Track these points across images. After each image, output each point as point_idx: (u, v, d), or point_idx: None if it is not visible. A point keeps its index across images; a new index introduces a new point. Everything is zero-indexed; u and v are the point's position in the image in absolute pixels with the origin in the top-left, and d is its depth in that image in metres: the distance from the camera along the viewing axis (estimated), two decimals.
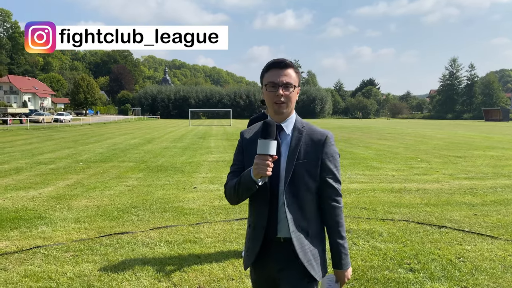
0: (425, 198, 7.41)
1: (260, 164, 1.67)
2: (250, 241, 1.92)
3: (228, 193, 1.90)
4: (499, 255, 4.48)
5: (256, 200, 1.86)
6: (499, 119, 75.35)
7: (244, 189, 1.78)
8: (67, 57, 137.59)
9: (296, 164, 1.80)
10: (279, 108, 1.84)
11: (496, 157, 14.07)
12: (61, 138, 23.12)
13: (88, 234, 5.19)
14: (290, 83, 1.83)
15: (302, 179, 1.81)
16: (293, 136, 1.85)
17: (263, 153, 1.68)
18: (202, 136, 25.81)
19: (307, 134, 1.86)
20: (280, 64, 1.84)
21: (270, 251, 1.87)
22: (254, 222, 1.89)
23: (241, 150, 1.94)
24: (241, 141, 1.97)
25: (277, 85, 1.81)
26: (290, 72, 1.84)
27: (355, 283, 3.78)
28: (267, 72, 1.87)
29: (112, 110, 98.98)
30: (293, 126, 1.88)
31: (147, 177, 9.76)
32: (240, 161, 1.93)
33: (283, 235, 1.84)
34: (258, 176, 1.70)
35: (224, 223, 5.75)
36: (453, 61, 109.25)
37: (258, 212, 1.86)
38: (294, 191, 1.81)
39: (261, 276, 1.95)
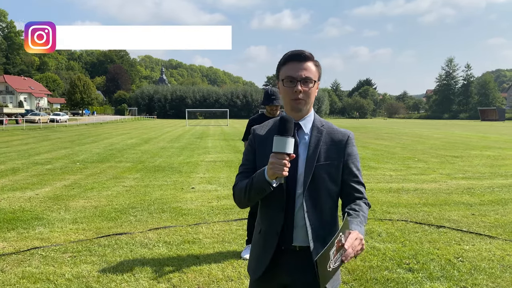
0: (423, 198, 7.42)
1: (276, 163, 1.50)
2: (260, 249, 1.74)
3: (238, 195, 1.72)
4: (497, 255, 4.49)
5: (270, 204, 1.70)
6: (495, 119, 75.70)
7: (257, 191, 1.61)
8: (63, 57, 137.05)
9: (316, 166, 1.65)
10: (297, 105, 1.67)
11: (493, 157, 14.13)
12: (57, 138, 23.03)
13: (86, 235, 5.16)
14: (309, 78, 1.65)
15: (323, 183, 1.66)
16: (312, 136, 1.69)
17: (280, 151, 1.52)
18: (200, 136, 25.77)
19: (327, 133, 1.71)
20: (299, 57, 1.66)
21: (282, 260, 1.70)
22: (266, 228, 1.73)
23: (252, 149, 1.78)
24: (252, 138, 1.79)
25: (296, 80, 1.64)
26: (310, 65, 1.67)
27: (355, 283, 3.78)
28: (284, 65, 1.69)
29: (108, 110, 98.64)
30: (312, 124, 1.73)
31: (144, 177, 9.72)
32: (250, 161, 1.76)
33: (298, 243, 1.68)
34: (274, 177, 1.53)
35: (222, 223, 5.74)
36: (449, 61, 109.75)
37: (271, 217, 1.70)
38: (314, 196, 1.65)
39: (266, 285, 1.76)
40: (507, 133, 29.92)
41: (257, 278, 1.74)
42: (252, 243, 1.84)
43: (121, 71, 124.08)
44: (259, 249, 1.75)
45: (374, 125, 50.49)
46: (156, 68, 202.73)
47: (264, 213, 1.75)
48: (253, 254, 1.81)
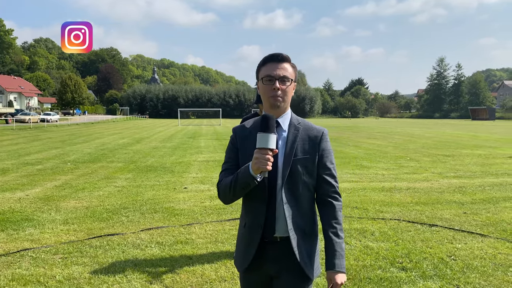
0: (415, 197, 7.46)
1: (260, 159, 1.60)
2: (245, 242, 1.84)
3: (223, 191, 1.81)
4: (489, 253, 4.52)
5: (253, 198, 1.79)
6: (486, 118, 76.50)
7: (242, 186, 1.69)
8: (53, 56, 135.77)
9: (293, 160, 1.76)
10: (275, 101, 1.78)
11: (484, 155, 14.26)
12: (48, 138, 22.79)
13: (77, 236, 5.10)
14: (286, 77, 1.78)
15: (300, 176, 1.77)
16: (290, 132, 1.81)
17: (263, 147, 1.61)
18: (192, 136, 25.67)
19: (303, 130, 1.83)
20: (277, 58, 1.80)
21: (267, 251, 1.80)
22: (250, 221, 1.82)
23: (234, 147, 1.88)
24: (234, 137, 1.90)
25: (274, 78, 1.77)
26: (286, 66, 1.81)
27: (348, 283, 3.77)
28: (263, 66, 1.82)
29: (100, 109, 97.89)
30: (289, 122, 1.84)
31: (136, 177, 9.65)
32: (233, 159, 1.86)
33: (280, 234, 1.78)
34: (258, 171, 1.62)
35: (215, 223, 5.71)
36: (440, 61, 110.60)
37: (255, 210, 1.80)
38: (292, 188, 1.76)
39: (255, 278, 1.86)
40: (497, 132, 30.24)
41: (244, 270, 1.84)
42: (238, 237, 1.93)
43: (112, 71, 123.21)
44: (245, 242, 1.84)
45: (366, 124, 50.72)
46: (148, 68, 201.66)
47: (248, 207, 1.84)
48: (239, 247, 1.89)
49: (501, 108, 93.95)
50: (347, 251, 4.58)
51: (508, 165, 11.69)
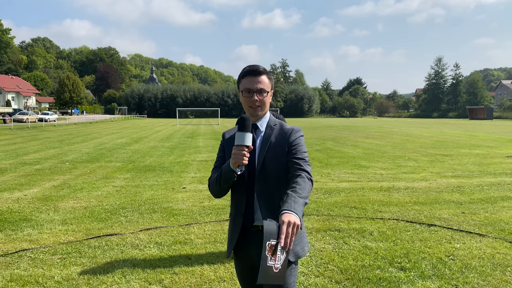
0: (414, 197, 7.47)
1: (237, 154, 1.80)
2: (231, 230, 2.05)
3: (211, 185, 2.02)
4: (487, 253, 4.53)
5: (236, 191, 2.02)
6: (484, 118, 76.62)
7: (225, 179, 1.90)
8: (51, 55, 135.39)
9: (266, 155, 1.96)
10: (254, 111, 2.01)
11: (482, 155, 14.28)
12: (46, 138, 22.73)
13: (75, 236, 5.09)
14: (263, 89, 1.99)
15: (271, 165, 1.94)
16: (265, 132, 2.02)
17: (240, 144, 1.82)
18: (190, 136, 25.66)
19: (277, 129, 2.04)
20: (254, 72, 1.99)
21: (250, 239, 1.97)
22: (234, 211, 2.04)
23: (222, 148, 2.12)
24: (222, 141, 2.15)
25: (252, 91, 1.97)
26: (263, 78, 2.00)
27: (347, 283, 3.78)
28: (243, 79, 2.02)
29: (98, 109, 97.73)
30: (267, 124, 2.06)
31: (135, 177, 9.64)
32: (221, 158, 2.09)
33: (259, 223, 1.94)
34: (236, 165, 1.83)
35: (214, 223, 5.70)
36: (438, 60, 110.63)
37: (237, 201, 2.01)
38: (266, 180, 1.94)
39: (244, 264, 2.05)
40: (495, 132, 30.29)
41: (230, 255, 2.05)
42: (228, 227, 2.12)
43: (110, 70, 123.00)
44: (231, 230, 2.06)
45: (364, 124, 50.76)
46: (146, 67, 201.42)
47: (233, 199, 2.07)
48: (228, 235, 2.10)
49: (499, 107, 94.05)
50: (346, 251, 4.59)
51: (506, 165, 11.72)
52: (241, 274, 2.10)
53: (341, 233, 5.25)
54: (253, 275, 2.00)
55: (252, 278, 2.04)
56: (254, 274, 1.99)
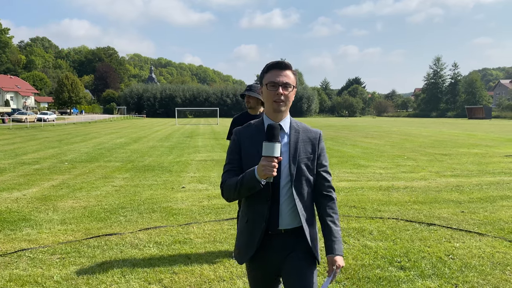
0: (413, 196, 7.47)
1: (267, 166, 1.73)
2: (248, 235, 1.97)
3: (227, 192, 1.94)
4: (487, 252, 4.53)
5: (256, 197, 1.92)
6: (482, 117, 76.74)
7: (247, 188, 1.84)
8: (50, 55, 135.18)
9: (298, 160, 1.93)
10: (278, 106, 1.92)
11: (481, 154, 14.30)
12: (45, 137, 22.70)
13: (75, 236, 5.08)
14: (289, 83, 1.92)
15: (304, 173, 1.95)
16: (292, 135, 1.97)
17: (269, 155, 1.74)
18: (189, 135, 25.64)
19: (303, 132, 2.00)
20: (280, 65, 1.95)
21: (271, 243, 1.95)
22: (253, 216, 1.95)
23: (237, 149, 1.99)
24: (236, 139, 2.01)
25: (277, 85, 1.91)
26: (289, 73, 1.95)
27: (347, 282, 3.77)
28: (267, 73, 1.96)
29: (97, 109, 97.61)
30: (290, 125, 2.00)
31: (134, 177, 9.63)
32: (236, 160, 1.98)
33: (284, 227, 1.94)
34: (265, 177, 1.76)
35: (213, 223, 5.70)
36: (437, 60, 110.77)
37: (258, 207, 1.93)
38: (299, 185, 1.94)
39: (261, 269, 2.01)
40: (494, 131, 30.34)
41: (248, 260, 1.99)
42: (239, 232, 2.06)
43: (109, 70, 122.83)
44: (247, 235, 1.97)
45: (363, 123, 50.80)
46: (145, 67, 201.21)
47: (250, 205, 1.97)
48: (240, 240, 2.03)
49: (497, 107, 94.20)
50: (346, 250, 4.58)
51: (505, 164, 11.73)
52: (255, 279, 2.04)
53: (341, 232, 5.24)
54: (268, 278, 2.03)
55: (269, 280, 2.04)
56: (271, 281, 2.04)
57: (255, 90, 4.41)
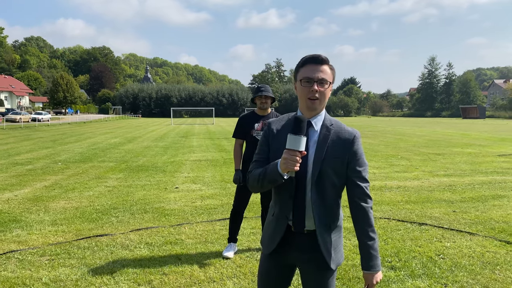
0: (406, 196, 7.49)
1: (289, 159, 1.66)
2: (273, 229, 1.95)
3: (251, 182, 1.90)
4: (477, 252, 4.55)
5: (281, 192, 1.89)
6: (476, 117, 77.14)
7: (269, 181, 1.78)
8: (45, 55, 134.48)
9: (323, 161, 1.81)
10: (312, 104, 1.82)
11: (474, 154, 14.37)
12: (39, 138, 22.57)
13: (65, 237, 5.05)
14: (325, 79, 1.82)
15: (329, 177, 1.82)
16: (321, 133, 1.84)
17: (293, 149, 1.66)
18: (184, 135, 25.59)
19: (335, 132, 1.86)
20: (316, 60, 1.83)
21: (292, 240, 1.92)
22: (278, 212, 1.94)
23: (266, 141, 1.94)
24: (267, 131, 1.95)
25: (312, 81, 1.80)
26: (325, 68, 1.84)
27: (338, 282, 3.77)
28: (302, 67, 1.86)
29: (92, 109, 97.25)
30: (322, 123, 1.87)
31: (127, 177, 9.59)
32: (265, 152, 1.93)
33: (307, 228, 1.88)
34: (286, 171, 1.69)
35: (206, 223, 5.68)
36: (432, 60, 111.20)
37: (282, 203, 1.91)
38: (321, 188, 1.83)
39: (279, 263, 1.99)
40: (487, 131, 30.51)
41: (270, 252, 1.97)
42: (266, 223, 2.04)
43: (105, 70, 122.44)
44: (272, 229, 1.95)
45: (358, 123, 50.92)
46: (141, 67, 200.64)
47: (277, 198, 1.94)
48: (267, 232, 2.01)
49: (491, 106, 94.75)
50: None
51: (497, 164, 11.79)
52: (269, 272, 2.01)
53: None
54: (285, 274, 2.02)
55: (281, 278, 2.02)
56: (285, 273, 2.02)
57: (269, 90, 4.40)
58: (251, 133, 4.37)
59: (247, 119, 4.44)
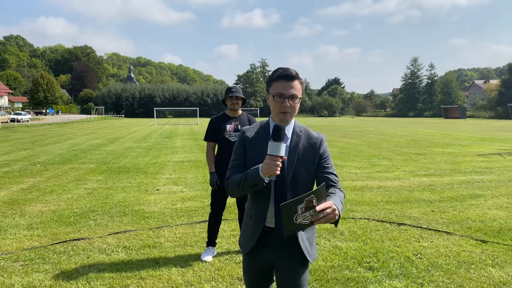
0: (386, 196, 7.57)
1: (271, 164, 1.80)
2: (250, 230, 2.10)
3: (231, 187, 2.03)
4: (454, 251, 4.61)
5: (258, 195, 2.04)
6: (457, 117, 78.57)
7: (250, 185, 1.92)
8: (25, 54, 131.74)
9: (296, 164, 2.00)
10: (284, 117, 2.01)
11: (454, 153, 14.62)
12: (17, 139, 22.09)
13: (40, 242, 4.93)
14: (296, 95, 1.99)
15: (302, 176, 2.02)
16: (292, 139, 2.05)
17: (274, 154, 1.81)
18: (168, 136, 25.38)
19: (304, 137, 2.07)
20: (288, 77, 1.99)
21: (268, 240, 2.06)
22: (255, 213, 2.08)
23: (243, 147, 2.09)
24: (243, 137, 2.11)
25: (284, 96, 1.97)
26: (296, 83, 2.00)
27: (316, 284, 3.78)
28: (274, 82, 2.02)
29: (74, 109, 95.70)
30: (292, 130, 2.07)
31: (108, 179, 9.45)
32: (242, 157, 2.08)
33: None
34: (268, 175, 1.84)
35: (185, 226, 5.63)
36: (414, 60, 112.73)
37: (259, 205, 2.05)
38: (295, 188, 2.00)
39: (257, 263, 2.14)
40: (467, 130, 31.11)
41: (247, 253, 2.13)
42: (244, 225, 2.19)
43: (87, 69, 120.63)
44: (250, 230, 2.11)
45: (342, 123, 51.35)
46: (124, 66, 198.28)
47: (253, 201, 2.10)
48: (245, 233, 2.17)
49: (471, 106, 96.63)
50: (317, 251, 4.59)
51: (476, 163, 12.02)
52: (251, 271, 2.17)
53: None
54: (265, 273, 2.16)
55: (263, 277, 2.17)
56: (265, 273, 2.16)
57: (239, 91, 4.38)
58: (224, 134, 4.34)
59: (219, 121, 4.41)
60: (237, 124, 4.38)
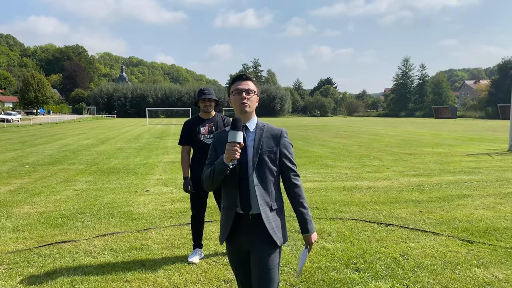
0: (375, 196, 7.60)
1: (230, 150, 2.12)
2: (225, 219, 2.35)
3: (205, 180, 2.31)
4: (440, 251, 4.65)
5: (228, 184, 2.31)
6: (448, 117, 79.26)
7: (218, 173, 2.20)
8: (15, 53, 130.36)
9: (260, 152, 2.30)
10: (243, 107, 2.31)
11: (443, 153, 14.74)
12: (7, 139, 21.85)
13: (26, 245, 4.88)
14: (250, 89, 2.36)
15: (266, 164, 2.30)
16: (256, 133, 2.34)
17: (232, 141, 2.12)
18: (160, 136, 25.27)
19: (267, 130, 2.37)
20: (242, 77, 2.40)
21: (242, 226, 2.30)
22: (227, 202, 2.33)
23: (214, 147, 2.39)
24: (214, 140, 2.43)
25: (241, 91, 2.33)
26: (249, 82, 2.39)
27: (302, 286, 3.78)
28: (233, 84, 2.40)
29: (65, 109, 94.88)
30: (255, 125, 2.37)
31: (97, 180, 9.38)
32: (214, 156, 2.36)
33: (254, 211, 2.28)
34: (229, 160, 2.13)
35: (173, 228, 5.61)
36: (405, 61, 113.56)
37: (230, 193, 2.31)
38: (260, 174, 2.29)
39: (235, 249, 2.37)
40: (457, 130, 31.39)
41: (226, 240, 2.36)
42: (221, 217, 2.41)
43: (78, 69, 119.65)
44: (224, 219, 2.36)
45: (334, 123, 51.52)
46: (116, 66, 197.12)
47: (225, 192, 2.36)
48: (221, 224, 2.41)
49: (462, 106, 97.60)
50: None
51: (465, 163, 12.13)
52: (232, 258, 2.41)
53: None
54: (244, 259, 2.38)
55: (243, 262, 2.39)
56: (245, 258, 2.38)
57: (212, 93, 4.38)
58: (198, 137, 4.32)
59: (192, 124, 4.39)
60: (211, 126, 4.35)
